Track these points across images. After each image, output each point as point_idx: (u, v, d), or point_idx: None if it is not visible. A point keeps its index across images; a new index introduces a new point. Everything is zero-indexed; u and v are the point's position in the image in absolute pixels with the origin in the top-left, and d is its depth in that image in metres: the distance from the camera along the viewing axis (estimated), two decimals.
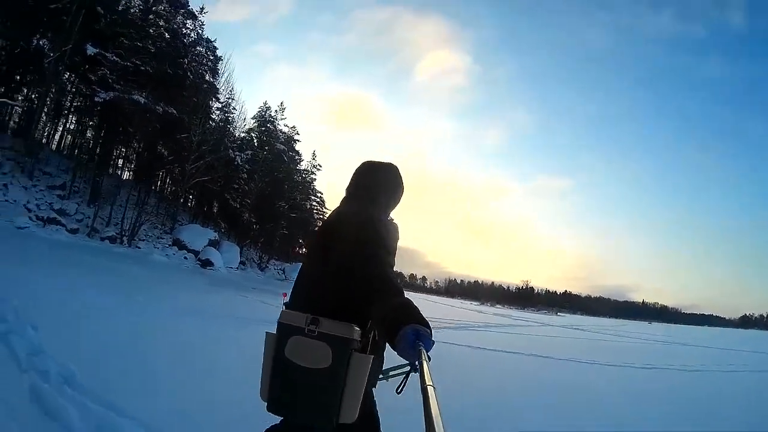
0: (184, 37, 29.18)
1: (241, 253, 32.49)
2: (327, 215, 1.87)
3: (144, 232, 25.47)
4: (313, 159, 46.39)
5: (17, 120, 24.22)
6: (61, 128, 26.85)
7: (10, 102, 20.82)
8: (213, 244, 28.06)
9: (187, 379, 4.07)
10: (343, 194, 2.01)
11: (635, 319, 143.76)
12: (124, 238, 23.34)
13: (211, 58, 34.22)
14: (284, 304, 1.74)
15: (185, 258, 25.67)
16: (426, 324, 1.32)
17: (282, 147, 39.39)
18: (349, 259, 1.60)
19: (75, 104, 25.35)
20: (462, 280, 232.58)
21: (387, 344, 1.48)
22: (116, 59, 22.35)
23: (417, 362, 1.16)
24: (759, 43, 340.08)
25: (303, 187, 44.07)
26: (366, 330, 1.58)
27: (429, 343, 1.25)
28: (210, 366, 4.81)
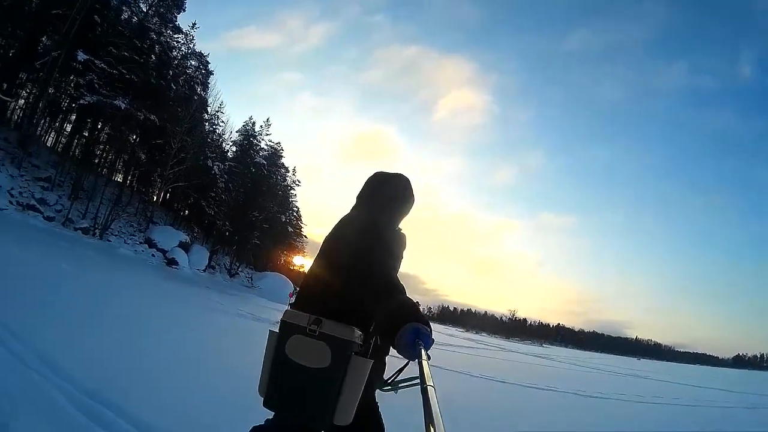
0: (172, 51, 31.03)
1: (212, 257, 33.98)
2: (340, 220, 1.98)
3: (119, 228, 26.84)
4: (293, 174, 48.19)
5: (19, 115, 25.98)
6: (57, 125, 28.55)
7: (2, 97, 22.46)
8: (183, 246, 29.35)
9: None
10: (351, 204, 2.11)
11: (625, 355, 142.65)
12: (97, 231, 24.67)
13: (203, 71, 36.35)
14: (289, 304, 1.73)
15: (153, 255, 26.93)
16: (426, 323, 1.35)
17: (262, 161, 41.05)
18: (354, 262, 1.65)
19: (62, 105, 27.04)
20: (455, 308, 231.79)
21: (390, 349, 1.62)
22: (104, 66, 24.20)
23: (417, 360, 1.18)
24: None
25: (282, 200, 45.72)
26: (368, 334, 1.62)
27: (429, 342, 1.29)
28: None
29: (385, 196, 2.01)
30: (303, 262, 54.27)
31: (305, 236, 52.55)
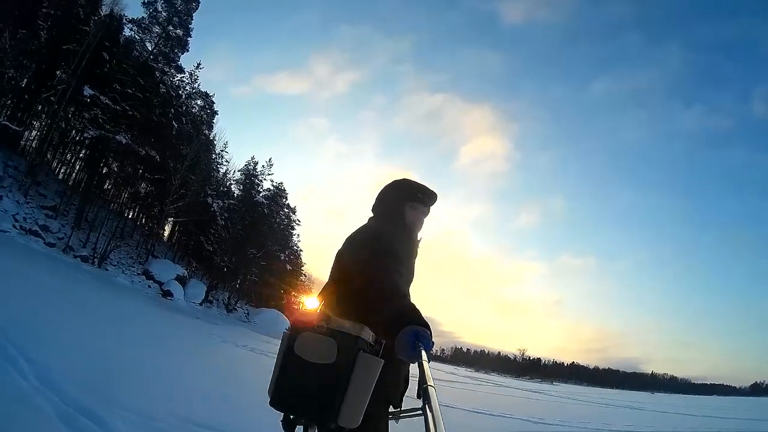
0: (177, 89, 32.37)
1: (210, 292, 34.16)
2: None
3: (118, 258, 27.35)
4: (293, 214, 48.77)
5: (31, 145, 27.03)
6: (67, 157, 29.62)
7: (10, 125, 23.36)
8: (180, 279, 29.63)
9: None
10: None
11: (640, 390, 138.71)
12: (96, 259, 25.08)
13: (208, 111, 37.66)
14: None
15: (149, 286, 27.21)
16: (426, 326, 1.36)
17: (262, 200, 41.74)
18: (358, 269, 1.71)
19: (69, 138, 28.10)
20: (468, 349, 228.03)
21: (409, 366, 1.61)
22: (109, 102, 25.27)
23: (417, 362, 1.19)
24: None
25: (281, 238, 46.17)
26: (379, 336, 1.59)
27: (429, 344, 1.29)
28: None
29: (383, 201, 2.09)
30: (307, 300, 54.23)
31: (305, 274, 52.77)
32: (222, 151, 40.49)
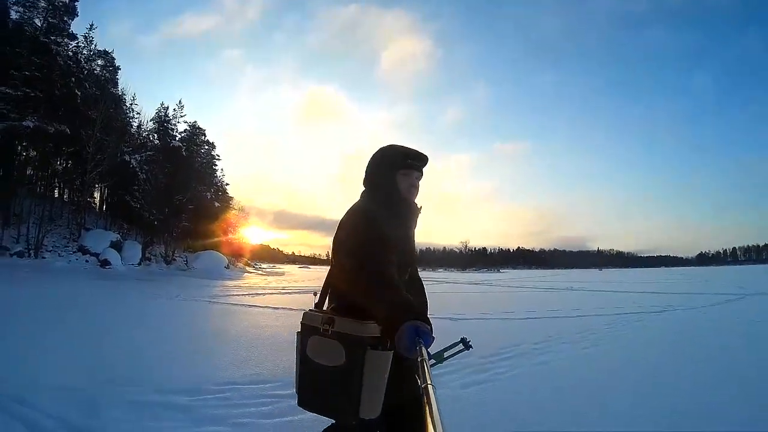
0: (72, 59, 31.59)
1: (146, 249, 35.81)
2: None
3: (52, 243, 28.36)
4: (213, 149, 50.16)
5: None
6: None
7: None
8: (115, 245, 31.03)
9: None
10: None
11: (589, 268, 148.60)
12: (31, 252, 26.20)
13: (110, 68, 36.90)
14: (315, 304, 1.84)
15: (86, 261, 28.48)
16: (426, 320, 1.37)
17: (178, 144, 42.12)
18: (347, 257, 1.70)
19: None
20: None
21: None
22: (9, 91, 25.10)
23: (417, 360, 1.16)
24: None
25: (204, 177, 47.25)
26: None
27: (429, 340, 1.28)
28: None
29: (372, 175, 1.96)
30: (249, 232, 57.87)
31: (235, 208, 54.55)
32: (132, 104, 40.26)
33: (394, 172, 1.92)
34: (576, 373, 5.34)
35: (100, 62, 35.63)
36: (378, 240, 1.65)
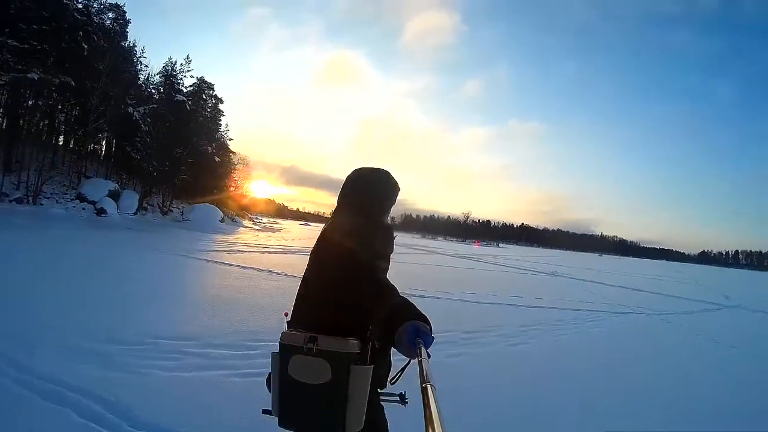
0: (82, 13, 32.67)
1: (144, 200, 37.68)
2: (324, 227, 1.97)
3: (51, 190, 29.82)
4: (221, 104, 52.13)
5: None
6: None
7: None
8: (112, 194, 32.59)
9: None
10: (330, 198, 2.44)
11: (587, 252, 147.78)
12: (30, 198, 27.70)
13: (120, 22, 37.99)
14: (287, 322, 1.83)
15: (83, 209, 30.00)
16: (426, 321, 1.40)
17: (182, 98, 43.13)
18: (345, 270, 1.70)
19: None
20: (418, 215, 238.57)
21: (391, 349, 1.67)
22: (16, 44, 26.46)
23: (417, 359, 1.19)
24: None
25: (207, 132, 48.90)
26: (365, 340, 1.61)
27: (428, 340, 1.31)
28: None
29: (371, 196, 1.97)
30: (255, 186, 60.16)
31: (235, 163, 56.83)
32: (140, 57, 41.45)
33: (390, 203, 2.06)
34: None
35: (111, 15, 36.62)
36: (378, 252, 1.77)
